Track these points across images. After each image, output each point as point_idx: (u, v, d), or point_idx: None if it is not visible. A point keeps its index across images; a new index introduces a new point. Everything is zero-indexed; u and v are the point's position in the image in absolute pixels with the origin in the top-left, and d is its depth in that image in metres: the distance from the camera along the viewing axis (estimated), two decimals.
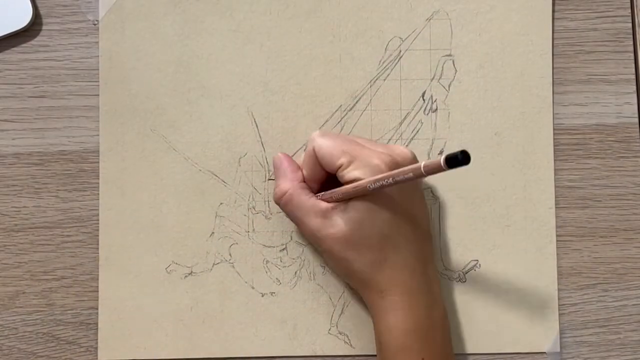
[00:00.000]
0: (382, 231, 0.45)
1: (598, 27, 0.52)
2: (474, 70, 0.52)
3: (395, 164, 0.45)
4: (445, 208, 0.51)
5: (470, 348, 0.51)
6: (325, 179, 0.48)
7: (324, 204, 0.46)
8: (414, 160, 0.47)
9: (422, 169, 0.41)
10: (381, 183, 0.43)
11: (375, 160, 0.45)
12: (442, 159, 0.39)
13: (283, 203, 0.48)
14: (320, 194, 0.47)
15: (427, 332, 0.46)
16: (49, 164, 0.52)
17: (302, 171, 0.48)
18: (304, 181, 0.48)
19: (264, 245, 0.51)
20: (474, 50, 0.52)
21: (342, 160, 0.45)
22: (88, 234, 0.52)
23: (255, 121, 0.52)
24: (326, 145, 0.46)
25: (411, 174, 0.41)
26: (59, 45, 0.52)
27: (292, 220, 0.49)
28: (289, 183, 0.48)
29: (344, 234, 0.45)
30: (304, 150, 0.51)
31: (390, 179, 0.43)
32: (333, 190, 0.46)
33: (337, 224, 0.46)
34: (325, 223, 0.46)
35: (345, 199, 0.46)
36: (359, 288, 0.48)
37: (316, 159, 0.47)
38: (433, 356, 0.45)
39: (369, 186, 0.44)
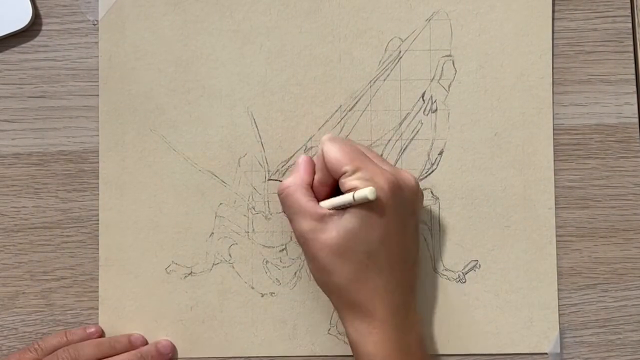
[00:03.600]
0: (370, 248, 0.45)
1: (598, 27, 0.52)
2: (474, 71, 0.52)
3: (398, 188, 0.45)
4: (445, 208, 0.51)
5: (470, 348, 0.51)
6: (335, 185, 0.47)
7: (322, 209, 0.46)
8: (417, 188, 0.47)
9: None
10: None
11: (379, 178, 0.45)
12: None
13: (282, 197, 0.47)
14: (322, 202, 0.47)
15: (403, 358, 0.45)
16: (49, 164, 0.52)
17: (314, 177, 0.48)
18: (312, 186, 0.48)
19: (264, 246, 0.51)
20: (474, 51, 0.52)
21: (347, 167, 0.45)
22: (88, 234, 0.52)
23: (255, 121, 0.52)
24: (334, 150, 0.46)
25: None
26: (58, 45, 0.52)
27: (287, 217, 0.48)
28: (294, 180, 0.47)
29: (333, 242, 0.45)
30: (304, 151, 0.52)
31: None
32: (332, 199, 0.46)
33: (329, 230, 0.45)
34: (317, 227, 0.45)
35: (341, 208, 0.45)
36: (337, 305, 0.47)
37: (325, 163, 0.46)
38: None
39: (354, 196, 0.44)
